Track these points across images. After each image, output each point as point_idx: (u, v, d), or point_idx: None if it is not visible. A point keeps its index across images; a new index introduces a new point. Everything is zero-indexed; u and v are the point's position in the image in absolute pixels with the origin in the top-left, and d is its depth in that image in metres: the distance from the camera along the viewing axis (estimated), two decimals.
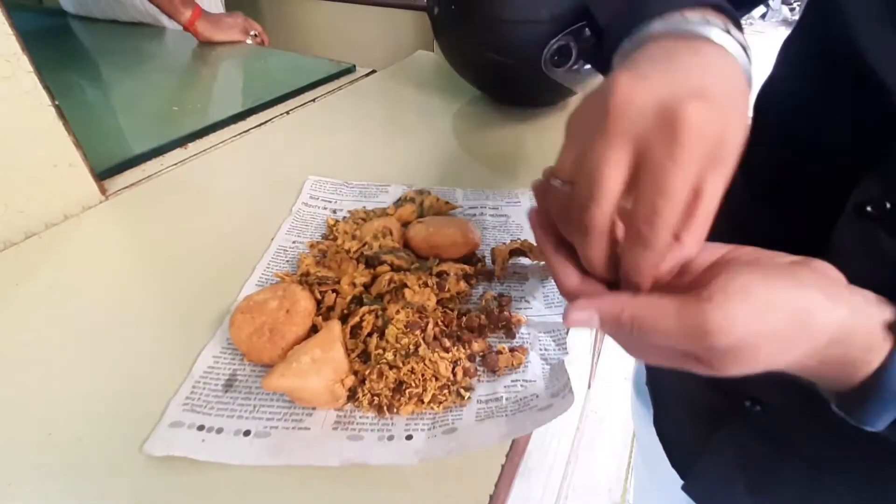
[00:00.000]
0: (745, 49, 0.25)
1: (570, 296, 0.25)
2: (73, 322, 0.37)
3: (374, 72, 0.86)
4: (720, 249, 0.24)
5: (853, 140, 0.29)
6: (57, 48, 0.96)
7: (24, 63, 0.41)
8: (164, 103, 0.73)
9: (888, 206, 0.26)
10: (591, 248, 0.23)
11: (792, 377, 0.23)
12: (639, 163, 0.21)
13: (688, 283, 0.23)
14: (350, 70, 0.85)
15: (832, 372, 0.22)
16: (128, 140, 0.63)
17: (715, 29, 0.24)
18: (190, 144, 0.61)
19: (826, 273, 0.22)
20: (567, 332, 0.35)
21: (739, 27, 0.27)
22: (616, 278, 0.24)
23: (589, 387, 1.40)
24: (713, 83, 0.21)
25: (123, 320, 0.37)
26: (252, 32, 1.00)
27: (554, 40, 0.58)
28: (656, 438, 0.49)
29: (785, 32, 0.36)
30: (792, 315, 0.20)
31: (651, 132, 0.20)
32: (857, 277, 0.29)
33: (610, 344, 1.43)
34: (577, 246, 0.24)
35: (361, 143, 0.63)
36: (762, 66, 0.39)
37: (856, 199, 0.27)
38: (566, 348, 0.33)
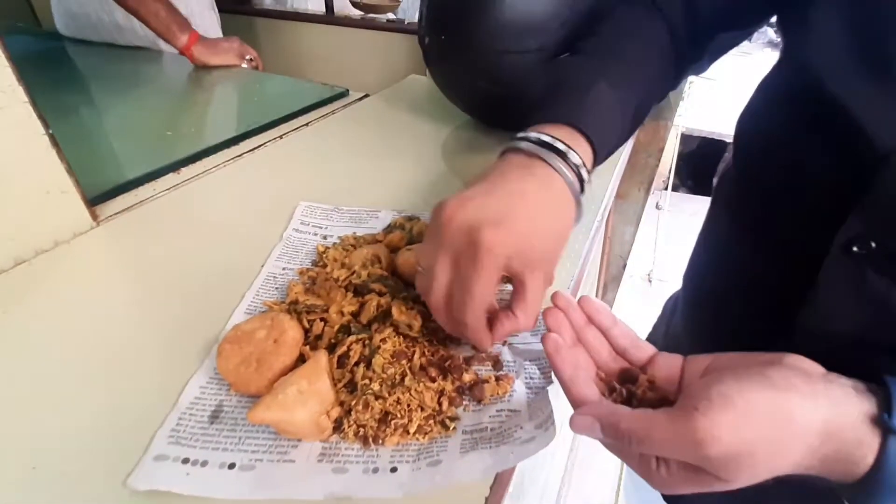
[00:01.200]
0: (579, 175, 0.33)
1: (577, 404, 0.28)
2: (60, 351, 0.37)
3: (367, 96, 0.88)
4: (704, 361, 0.27)
5: (833, 177, 0.30)
6: (53, 72, 0.97)
7: (19, 94, 0.42)
8: (159, 128, 0.74)
9: (873, 244, 0.27)
10: (438, 318, 0.32)
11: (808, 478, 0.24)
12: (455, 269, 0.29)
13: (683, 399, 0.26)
14: (343, 94, 0.87)
15: (835, 468, 0.23)
16: (121, 165, 0.64)
17: (562, 164, 0.32)
18: (183, 169, 0.62)
19: (799, 367, 0.23)
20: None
21: (593, 147, 0.34)
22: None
23: None
24: (520, 211, 0.29)
25: (111, 350, 0.37)
26: (247, 57, 1.02)
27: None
28: None
29: (771, 54, 0.38)
30: (772, 417, 0.21)
31: (461, 248, 0.29)
32: (845, 315, 0.29)
33: None
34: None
35: (353, 167, 0.64)
36: (748, 87, 0.41)
37: (841, 238, 0.28)
38: (551, 377, 0.34)
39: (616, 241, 1.09)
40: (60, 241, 0.48)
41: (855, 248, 0.27)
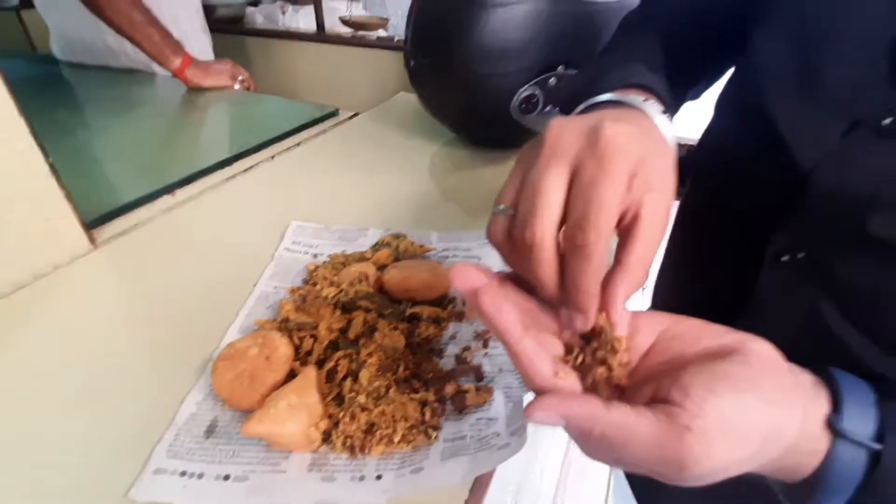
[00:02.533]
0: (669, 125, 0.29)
1: (539, 391, 0.23)
2: (61, 372, 0.39)
3: (356, 114, 0.90)
4: (660, 321, 0.25)
5: (769, 190, 0.32)
6: (49, 95, 1.00)
7: (20, 126, 0.44)
8: (153, 150, 0.76)
9: (800, 255, 0.29)
10: (538, 265, 0.23)
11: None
12: (574, 180, 0.22)
13: (637, 369, 0.24)
14: (333, 114, 0.89)
15: (781, 474, 0.23)
16: (117, 188, 0.66)
17: (647, 104, 0.29)
18: (177, 191, 0.64)
19: (769, 357, 0.22)
20: None
21: (667, 110, 0.30)
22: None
23: None
24: (634, 123, 0.24)
25: (111, 369, 0.39)
26: (239, 78, 1.05)
27: (521, 90, 0.62)
28: None
29: None
30: (762, 438, 0.20)
31: (581, 151, 0.22)
32: (776, 326, 0.32)
33: None
34: (529, 270, 0.23)
35: (343, 186, 0.66)
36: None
37: (773, 249, 0.30)
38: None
39: None
40: (60, 266, 0.50)
41: (785, 258, 0.30)
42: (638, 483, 0.50)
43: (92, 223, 0.55)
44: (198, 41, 1.19)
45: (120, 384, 0.38)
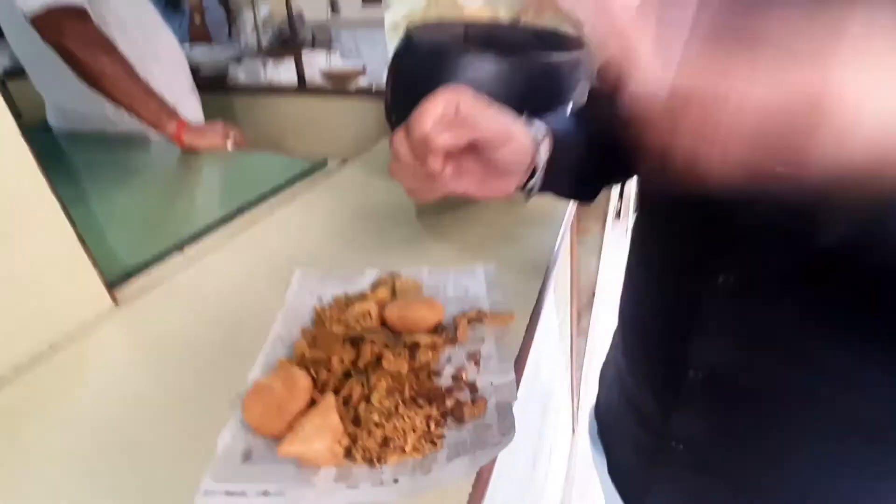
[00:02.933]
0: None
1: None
2: (109, 417, 0.44)
3: (345, 161, 0.98)
4: None
5: (711, 231, 0.37)
6: (52, 163, 1.04)
7: (54, 205, 0.51)
8: (159, 213, 0.83)
9: (732, 279, 0.35)
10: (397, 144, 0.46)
11: None
12: None
13: None
14: (323, 164, 0.97)
15: None
16: (130, 250, 0.71)
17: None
18: (187, 250, 0.70)
19: None
20: (517, 386, 0.43)
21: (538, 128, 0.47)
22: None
23: (574, 432, 1.46)
24: None
25: (151, 412, 0.44)
26: (232, 137, 1.12)
27: None
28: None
29: None
30: None
31: None
32: (721, 340, 0.37)
33: (590, 387, 1.50)
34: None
35: (338, 232, 0.73)
36: None
37: (712, 268, 0.36)
38: (515, 395, 0.42)
39: (583, 272, 1.20)
40: (88, 324, 0.55)
41: (720, 279, 0.36)
42: (625, 487, 0.54)
43: (111, 284, 0.61)
44: (188, 104, 1.27)
45: (163, 425, 0.43)
